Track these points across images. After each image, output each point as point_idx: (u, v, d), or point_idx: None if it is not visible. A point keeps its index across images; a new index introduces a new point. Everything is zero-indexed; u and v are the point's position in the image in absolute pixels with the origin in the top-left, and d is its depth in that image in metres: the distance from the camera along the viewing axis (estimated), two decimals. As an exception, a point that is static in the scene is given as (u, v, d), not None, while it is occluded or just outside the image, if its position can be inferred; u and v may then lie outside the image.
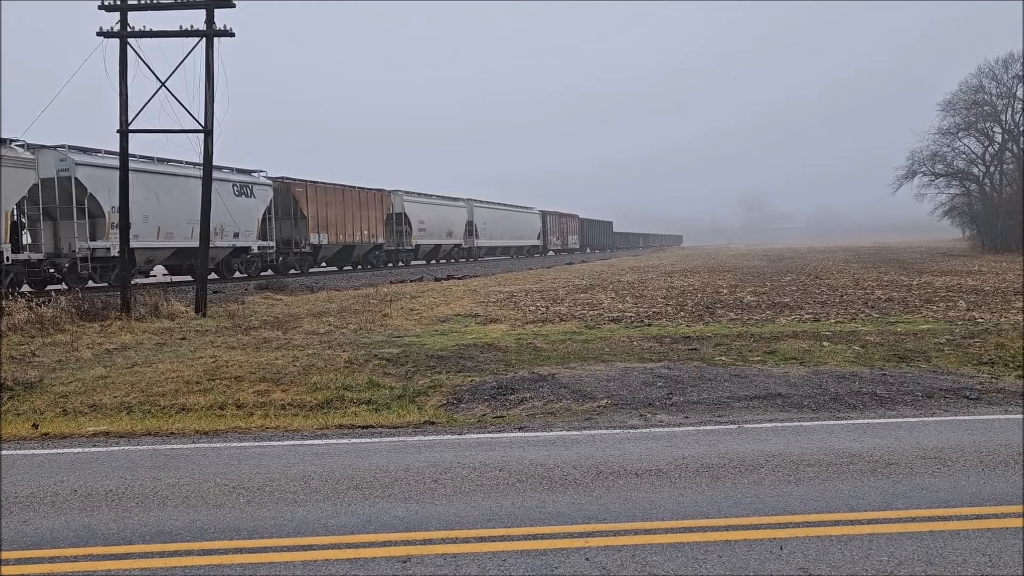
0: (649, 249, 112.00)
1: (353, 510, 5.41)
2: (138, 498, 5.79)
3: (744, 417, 8.08)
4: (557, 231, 73.88)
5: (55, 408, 9.40)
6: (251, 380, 10.32)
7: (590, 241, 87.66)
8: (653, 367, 10.52)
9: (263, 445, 7.42)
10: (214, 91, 17.45)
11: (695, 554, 4.51)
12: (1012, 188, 58.24)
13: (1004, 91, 58.62)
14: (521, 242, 64.42)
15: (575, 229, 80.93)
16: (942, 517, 5.01)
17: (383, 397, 9.56)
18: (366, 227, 39.77)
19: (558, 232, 74.24)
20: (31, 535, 5.06)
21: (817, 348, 11.71)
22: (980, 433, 7.14)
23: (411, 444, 7.30)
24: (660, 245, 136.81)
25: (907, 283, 24.39)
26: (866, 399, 8.70)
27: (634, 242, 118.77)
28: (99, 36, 17.10)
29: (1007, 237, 56.16)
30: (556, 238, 73.54)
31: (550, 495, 5.63)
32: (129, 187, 18.02)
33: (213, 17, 17.14)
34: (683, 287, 24.93)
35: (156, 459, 6.95)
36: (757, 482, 5.82)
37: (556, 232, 73.65)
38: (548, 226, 70.65)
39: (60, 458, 7.08)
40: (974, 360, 10.77)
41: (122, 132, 17.57)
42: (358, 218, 38.95)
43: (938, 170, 62.66)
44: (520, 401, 9.10)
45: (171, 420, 8.71)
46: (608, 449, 6.89)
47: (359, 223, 39.04)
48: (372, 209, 40.27)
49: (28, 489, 6.06)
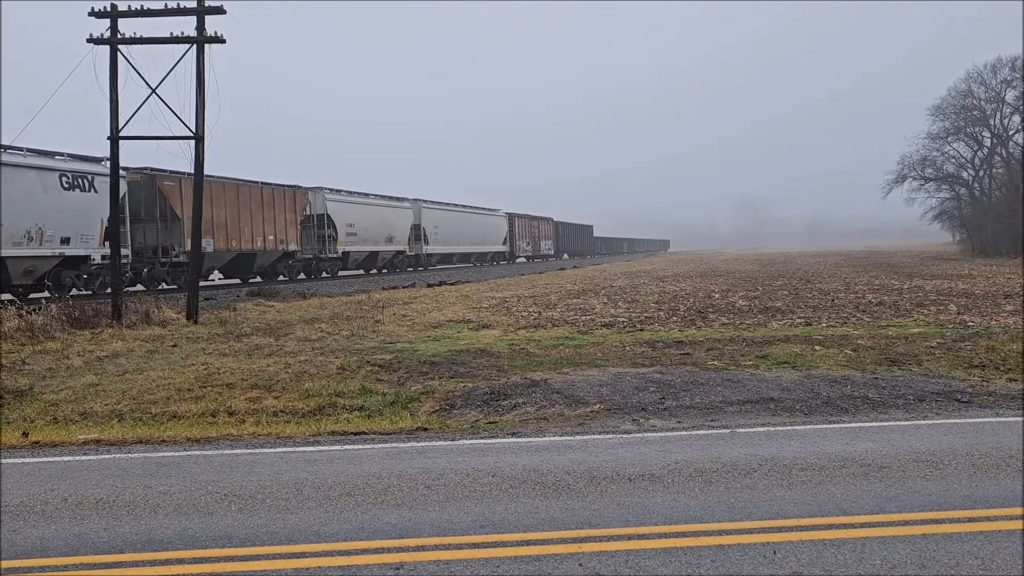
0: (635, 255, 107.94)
1: (346, 517, 5.39)
2: (129, 506, 5.75)
3: (737, 421, 8.08)
4: (527, 235, 67.77)
5: (45, 416, 9.34)
6: (243, 387, 10.28)
7: (567, 247, 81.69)
8: (646, 372, 10.52)
9: (255, 452, 7.38)
10: (205, 98, 17.42)
11: (688, 559, 4.51)
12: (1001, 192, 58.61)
13: (993, 95, 59.13)
14: (483, 248, 58.00)
15: (548, 233, 74.83)
16: (935, 520, 5.02)
17: (376, 403, 9.53)
18: (271, 231, 32.79)
19: (528, 237, 68.10)
20: (21, 544, 5.02)
21: (809, 352, 11.73)
22: (972, 436, 7.17)
23: (404, 450, 7.28)
24: (646, 250, 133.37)
25: (898, 287, 24.49)
26: (858, 403, 8.71)
27: (617, 248, 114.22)
28: (89, 43, 17.07)
29: (996, 241, 56.49)
30: (526, 243, 67.28)
31: (543, 501, 5.62)
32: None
33: (204, 24, 17.12)
34: (675, 292, 24.96)
35: (147, 467, 6.91)
36: (750, 486, 5.82)
37: (526, 237, 67.39)
38: (516, 230, 64.36)
39: (50, 466, 7.04)
40: (965, 363, 10.81)
41: (112, 139, 17.52)
42: (259, 220, 32.00)
43: (928, 174, 63.08)
44: (513, 407, 9.09)
45: (162, 428, 8.67)
46: (601, 454, 6.88)
47: (261, 226, 32.08)
48: (281, 210, 33.56)
49: (18, 498, 6.02)
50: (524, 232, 66.74)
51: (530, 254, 68.70)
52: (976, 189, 62.36)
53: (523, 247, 66.52)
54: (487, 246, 58.80)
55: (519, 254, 65.75)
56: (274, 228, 33.17)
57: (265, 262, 33.91)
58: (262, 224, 32.34)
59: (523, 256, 67.11)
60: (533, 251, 69.44)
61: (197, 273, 18.69)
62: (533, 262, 66.94)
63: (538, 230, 71.13)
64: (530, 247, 68.42)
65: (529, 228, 68.45)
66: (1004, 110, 58.59)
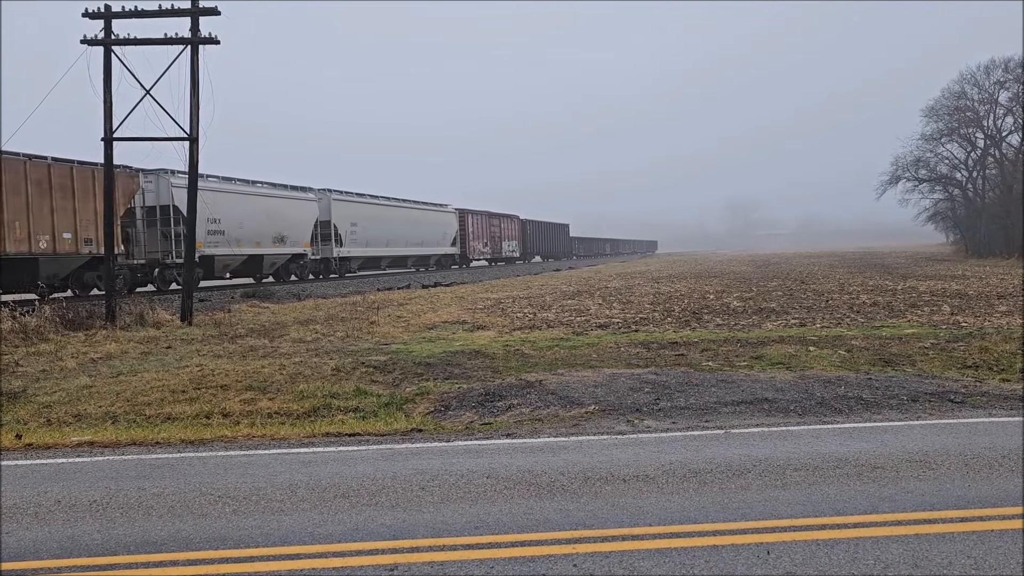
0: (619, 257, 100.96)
1: (340, 518, 5.39)
2: (123, 508, 5.74)
3: (731, 422, 8.10)
4: (484, 235, 58.38)
5: (39, 418, 9.31)
6: (237, 389, 10.26)
7: (538, 248, 72.77)
8: (640, 373, 10.54)
9: (249, 454, 7.37)
10: (199, 99, 17.40)
11: (682, 559, 4.52)
12: (995, 193, 58.82)
13: (986, 97, 59.37)
14: (424, 250, 48.72)
15: (513, 233, 65.25)
16: (928, 520, 5.03)
17: (370, 405, 9.52)
18: (68, 228, 22.97)
19: (486, 236, 58.65)
20: (14, 546, 5.01)
21: (803, 353, 11.76)
22: (965, 436, 7.19)
23: (398, 452, 7.28)
24: (632, 252, 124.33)
25: (892, 288, 24.55)
26: (852, 403, 8.74)
27: (598, 249, 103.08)
28: (83, 44, 17.03)
29: (990, 242, 56.74)
30: (483, 244, 57.90)
31: (538, 502, 5.62)
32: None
33: (198, 25, 17.10)
34: (670, 293, 25.00)
35: (141, 469, 6.89)
36: (744, 487, 5.83)
37: (483, 237, 58.04)
38: (470, 229, 55.26)
39: (44, 468, 7.02)
40: (958, 364, 10.84)
41: (106, 140, 17.48)
42: (47, 213, 22.16)
43: (921, 175, 63.31)
44: (508, 408, 9.09)
45: (156, 429, 8.64)
46: (596, 455, 6.89)
47: (48, 222, 22.21)
48: (89, 199, 23.56)
49: (11, 500, 6.00)
50: (480, 231, 57.75)
51: (489, 256, 59.66)
52: (970, 190, 62.61)
53: (479, 248, 57.21)
54: (429, 248, 49.46)
55: (474, 256, 56.73)
56: (79, 224, 23.40)
57: (58, 270, 23.38)
58: (49, 219, 22.37)
59: (481, 259, 58.46)
60: (493, 253, 59.97)
61: (191, 274, 18.64)
62: (496, 266, 59.83)
63: (499, 229, 61.58)
64: (488, 248, 59.04)
65: (488, 227, 59.30)
66: (997, 111, 58.89)
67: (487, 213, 59.93)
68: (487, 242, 58.83)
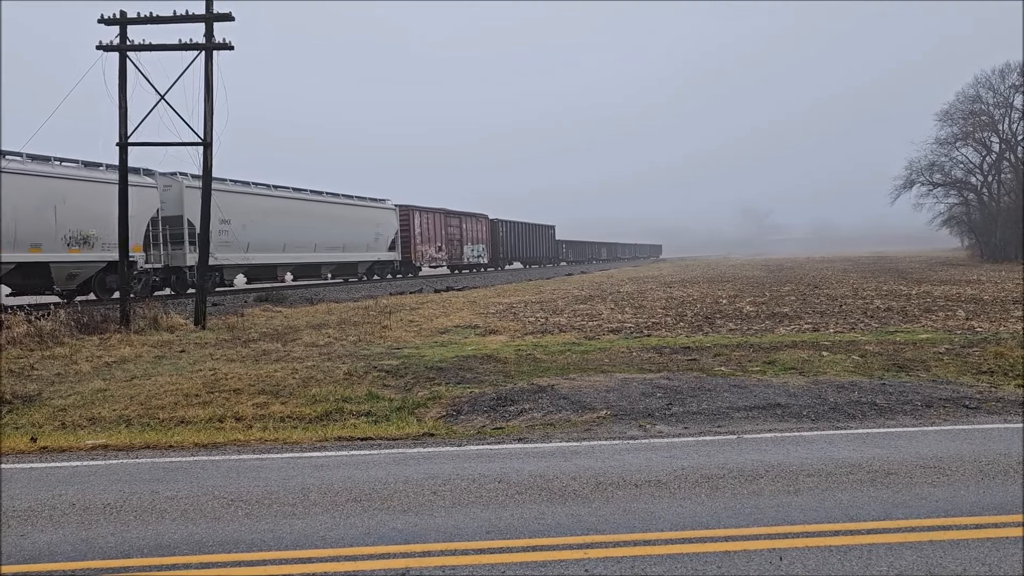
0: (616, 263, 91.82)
1: (352, 522, 5.40)
2: (136, 511, 5.77)
3: (743, 427, 8.07)
4: (438, 238, 48.12)
5: (54, 422, 9.38)
6: (250, 393, 10.31)
7: (513, 253, 62.21)
8: (652, 378, 10.51)
9: (262, 458, 7.40)
10: (213, 104, 17.52)
11: (694, 565, 4.50)
12: (1010, 197, 58.38)
13: (1001, 101, 58.98)
14: (347, 256, 37.79)
15: (480, 236, 55.13)
16: (941, 527, 5.00)
17: (382, 409, 9.55)
18: None
19: (440, 239, 48.28)
20: (29, 549, 5.05)
21: (816, 358, 11.70)
22: (979, 443, 7.13)
23: (410, 456, 7.29)
24: (632, 256, 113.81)
25: (906, 293, 24.40)
26: (865, 409, 8.69)
27: (592, 253, 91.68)
28: (99, 50, 17.18)
29: (1005, 246, 56.29)
30: (435, 249, 47.63)
31: (549, 506, 5.62)
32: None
33: (212, 31, 17.22)
34: (682, 297, 24.94)
35: (155, 472, 6.93)
36: (756, 492, 5.81)
37: (436, 240, 47.70)
38: (417, 230, 45.16)
39: (58, 472, 7.07)
40: (973, 369, 10.76)
41: (121, 145, 17.62)
42: None
43: (936, 180, 62.86)
44: (519, 412, 9.09)
45: (170, 433, 8.69)
46: (607, 460, 6.87)
47: None
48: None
49: (26, 503, 6.05)
50: (432, 233, 47.36)
51: (443, 262, 49.22)
52: (985, 194, 62.13)
53: (430, 253, 47.01)
54: (355, 253, 38.59)
55: (422, 263, 46.44)
56: None
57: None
58: None
59: (433, 265, 48.38)
60: (449, 258, 49.83)
61: (204, 278, 18.75)
62: (460, 274, 50.97)
63: (459, 230, 51.36)
64: (444, 253, 48.87)
65: (443, 227, 48.87)
66: (1013, 115, 58.47)
67: (442, 211, 49.13)
68: (441, 246, 48.44)
